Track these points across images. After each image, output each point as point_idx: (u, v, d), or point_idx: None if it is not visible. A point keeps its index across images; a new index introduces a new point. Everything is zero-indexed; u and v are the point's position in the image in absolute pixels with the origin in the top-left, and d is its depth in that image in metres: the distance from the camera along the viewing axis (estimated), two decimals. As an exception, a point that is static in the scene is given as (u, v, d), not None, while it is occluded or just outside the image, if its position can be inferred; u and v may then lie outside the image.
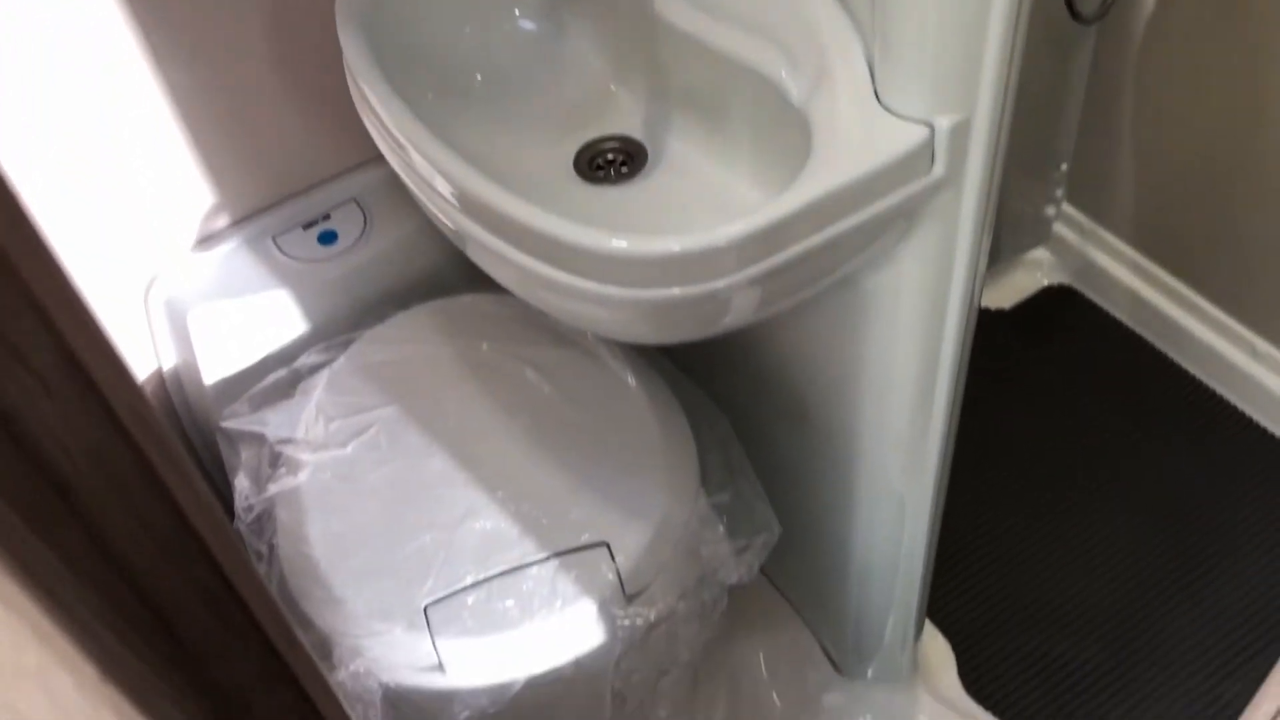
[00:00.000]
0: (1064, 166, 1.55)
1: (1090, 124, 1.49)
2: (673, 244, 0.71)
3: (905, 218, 0.77)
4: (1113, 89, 1.44)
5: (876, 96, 0.74)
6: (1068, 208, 1.60)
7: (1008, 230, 1.59)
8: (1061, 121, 1.50)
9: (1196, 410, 1.48)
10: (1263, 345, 1.42)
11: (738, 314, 0.79)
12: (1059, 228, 1.62)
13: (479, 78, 1.00)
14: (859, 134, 0.73)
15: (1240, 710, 0.56)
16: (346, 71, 0.92)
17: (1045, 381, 1.54)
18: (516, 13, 1.01)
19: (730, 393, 1.11)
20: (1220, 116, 1.32)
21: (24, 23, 0.89)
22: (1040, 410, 1.51)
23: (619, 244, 0.72)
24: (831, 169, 0.72)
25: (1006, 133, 0.75)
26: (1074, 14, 1.25)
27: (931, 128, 0.72)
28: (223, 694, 0.34)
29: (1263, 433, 1.44)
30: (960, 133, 0.73)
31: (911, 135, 0.72)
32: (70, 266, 0.30)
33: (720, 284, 0.73)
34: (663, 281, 0.73)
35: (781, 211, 0.71)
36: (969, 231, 0.79)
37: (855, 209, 0.73)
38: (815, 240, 0.73)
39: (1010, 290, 1.64)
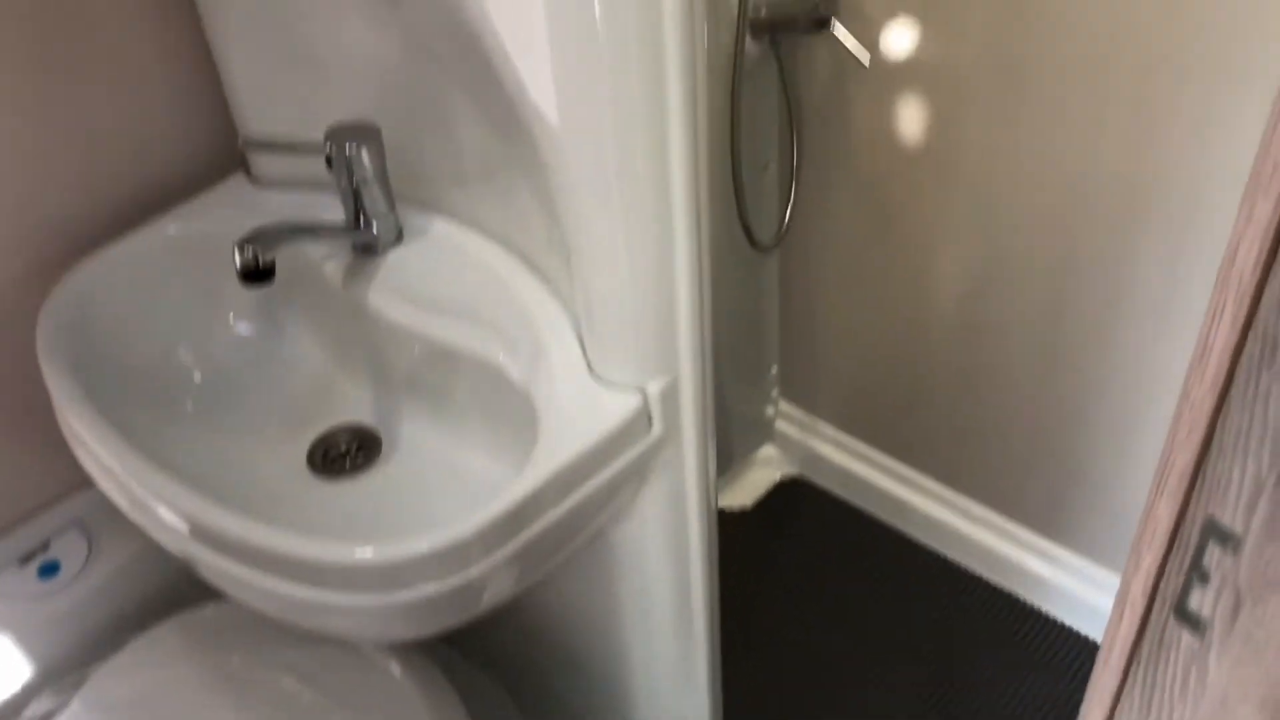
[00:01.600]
0: (774, 370, 1.69)
1: (790, 329, 1.64)
2: (420, 544, 0.72)
3: (636, 474, 0.82)
4: (801, 298, 1.59)
5: (590, 370, 0.80)
6: (785, 405, 1.73)
7: (736, 434, 1.70)
8: (764, 332, 1.63)
9: (927, 573, 1.60)
10: (977, 509, 1.56)
11: (495, 593, 0.80)
12: (780, 425, 1.74)
13: (198, 382, 0.99)
14: (579, 408, 0.78)
15: None
16: (54, 403, 0.89)
17: (794, 569, 1.62)
18: (231, 318, 1.01)
19: (502, 654, 1.10)
20: (892, 311, 1.49)
21: None
22: (796, 598, 1.58)
23: (364, 554, 0.72)
24: (558, 446, 0.76)
25: (711, 385, 0.82)
26: (754, 244, 1.38)
27: (644, 393, 0.78)
28: None
29: (986, 584, 1.57)
30: (670, 393, 0.79)
31: (627, 403, 0.77)
32: None
33: (473, 572, 0.74)
34: (416, 580, 0.73)
35: (518, 495, 0.73)
36: (695, 473, 0.85)
37: (587, 478, 0.77)
38: (556, 513, 0.76)
39: (749, 488, 1.74)
